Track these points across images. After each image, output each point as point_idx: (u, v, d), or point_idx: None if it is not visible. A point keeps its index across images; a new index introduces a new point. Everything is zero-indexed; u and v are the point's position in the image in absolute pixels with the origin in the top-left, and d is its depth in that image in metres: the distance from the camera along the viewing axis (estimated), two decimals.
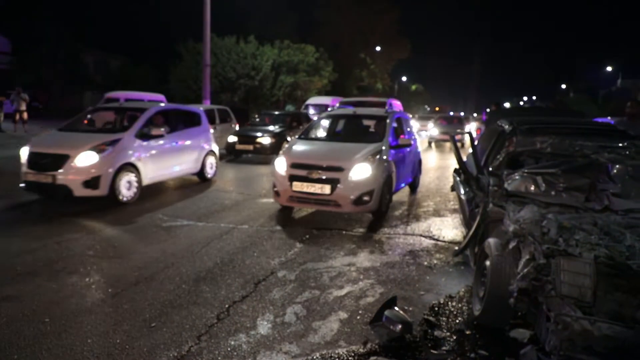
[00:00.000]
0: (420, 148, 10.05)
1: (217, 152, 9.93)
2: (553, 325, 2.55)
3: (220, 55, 26.89)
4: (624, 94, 43.22)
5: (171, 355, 3.04)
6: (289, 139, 12.74)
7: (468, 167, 4.90)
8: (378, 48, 46.85)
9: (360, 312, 3.71)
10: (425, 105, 74.21)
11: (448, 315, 3.71)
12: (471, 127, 25.23)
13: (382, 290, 4.18)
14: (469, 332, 3.41)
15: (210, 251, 5.14)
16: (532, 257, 2.94)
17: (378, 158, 6.41)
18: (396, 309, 3.45)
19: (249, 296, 3.98)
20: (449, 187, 7.57)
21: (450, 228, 6.45)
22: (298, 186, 6.28)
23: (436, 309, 3.81)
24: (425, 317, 3.64)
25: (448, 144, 20.46)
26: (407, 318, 3.39)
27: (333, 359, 3.05)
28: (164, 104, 15.66)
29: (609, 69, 52.94)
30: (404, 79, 66.21)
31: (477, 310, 3.52)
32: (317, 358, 3.05)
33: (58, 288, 4.04)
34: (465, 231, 4.95)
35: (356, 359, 3.05)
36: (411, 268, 4.79)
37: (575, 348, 2.45)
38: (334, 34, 43.33)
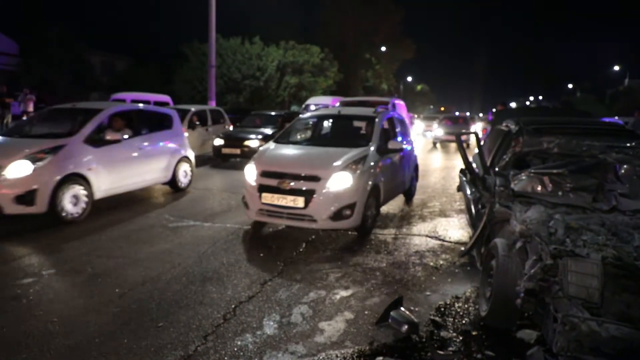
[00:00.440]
0: (422, 149, 9.85)
1: (193, 159, 8.86)
2: (560, 326, 2.53)
3: (226, 56, 26.98)
4: (631, 94, 42.93)
5: (178, 355, 3.05)
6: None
7: (474, 168, 4.89)
8: (383, 48, 46.78)
9: (367, 313, 3.71)
10: (431, 106, 74.01)
11: (454, 315, 3.70)
12: (477, 127, 25.12)
13: (388, 290, 4.18)
14: (475, 333, 3.40)
15: (216, 251, 5.15)
16: (539, 258, 2.93)
17: (362, 165, 5.62)
18: (402, 309, 3.45)
19: (255, 296, 3.99)
20: (455, 188, 7.56)
21: (456, 228, 6.43)
22: (268, 198, 5.47)
23: (442, 309, 3.81)
24: (431, 318, 3.63)
25: (453, 145, 20.38)
26: (413, 318, 3.39)
27: (339, 359, 3.05)
28: (170, 104, 15.70)
29: (616, 68, 52.59)
30: (409, 79, 66.07)
31: (484, 310, 3.51)
32: (323, 358, 3.05)
33: (66, 288, 4.06)
34: (472, 232, 4.94)
35: (362, 359, 3.05)
36: (417, 268, 4.78)
37: (582, 349, 2.44)
38: (339, 34, 43.29)
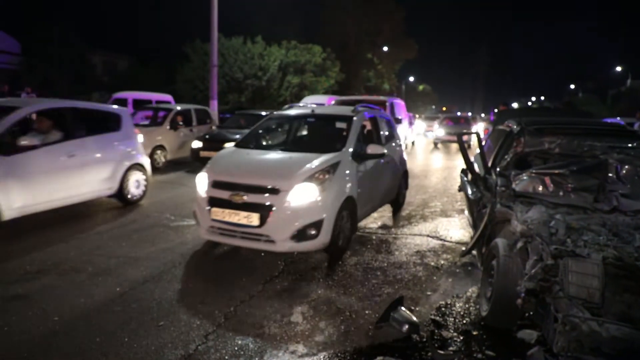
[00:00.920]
0: (423, 149, 9.60)
1: (148, 166, 7.54)
2: (561, 326, 2.53)
3: (228, 56, 27.00)
4: (633, 95, 42.87)
5: (179, 354, 3.06)
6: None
7: (475, 168, 4.89)
8: (385, 48, 46.79)
9: (367, 312, 3.72)
10: (433, 106, 73.98)
11: (455, 315, 3.70)
12: (478, 128, 25.09)
13: (389, 290, 4.18)
14: (476, 333, 3.40)
15: (218, 251, 5.16)
16: (540, 258, 2.93)
17: (332, 174, 4.79)
18: (403, 309, 3.45)
19: (256, 295, 4.00)
20: (456, 188, 7.55)
21: (457, 228, 6.43)
22: (218, 214, 4.64)
23: (443, 309, 3.81)
24: (432, 318, 3.64)
25: (455, 145, 20.37)
26: (414, 318, 3.39)
27: (340, 358, 3.05)
28: (171, 104, 15.68)
29: (619, 69, 52.48)
30: (411, 79, 66.06)
31: (484, 310, 3.51)
32: (324, 357, 3.06)
33: (67, 287, 4.08)
34: (473, 232, 4.94)
35: (363, 358, 3.06)
36: (418, 268, 4.78)
37: (583, 349, 2.44)
38: (341, 34, 43.31)
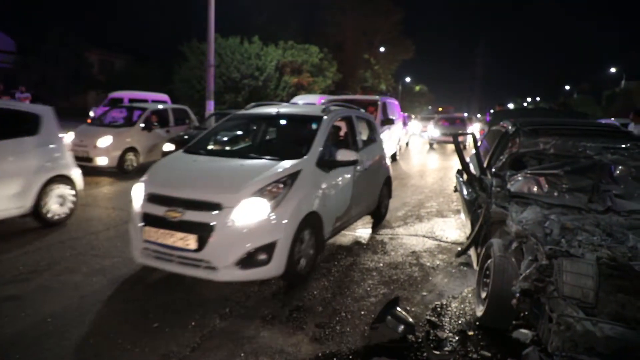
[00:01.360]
0: (419, 150, 9.47)
1: (78, 178, 6.28)
2: (555, 326, 2.55)
3: (225, 56, 26.93)
4: (627, 95, 43.15)
5: (174, 354, 3.05)
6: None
7: (471, 168, 4.90)
8: (382, 49, 46.85)
9: (363, 313, 3.72)
10: (429, 106, 74.09)
11: (450, 316, 3.72)
12: (474, 128, 25.13)
13: (385, 290, 4.19)
14: (471, 333, 3.41)
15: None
16: (535, 258, 2.94)
17: (289, 186, 4.05)
18: (399, 309, 3.45)
19: (252, 296, 3.99)
20: (452, 188, 7.57)
21: (453, 229, 6.45)
22: (152, 234, 3.92)
23: (439, 309, 3.82)
24: (427, 318, 3.64)
25: (451, 146, 20.40)
26: (410, 319, 3.40)
27: (335, 359, 3.05)
28: (168, 104, 15.61)
29: (613, 70, 52.80)
30: (408, 79, 66.13)
31: (480, 311, 3.52)
32: (319, 358, 3.06)
33: (60, 287, 4.06)
34: (468, 232, 4.95)
35: (358, 359, 3.06)
36: (414, 269, 4.79)
37: (577, 349, 2.45)
38: (338, 34, 43.35)
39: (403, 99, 50.85)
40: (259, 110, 5.80)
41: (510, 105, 56.46)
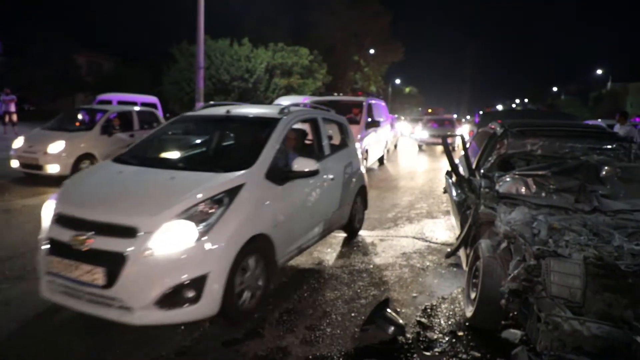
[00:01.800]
0: (409, 152, 9.35)
1: None
2: (543, 325, 2.57)
3: (214, 58, 26.85)
4: (613, 97, 43.83)
5: (168, 352, 3.03)
6: None
7: (460, 170, 4.93)
8: (372, 51, 47.03)
9: (353, 315, 3.72)
10: (419, 108, 74.50)
11: (440, 317, 3.73)
12: (463, 130, 25.28)
13: (375, 292, 4.19)
14: (461, 334, 3.43)
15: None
16: (523, 259, 2.97)
17: (226, 206, 3.34)
18: (389, 311, 3.46)
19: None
20: (442, 190, 7.62)
21: (442, 230, 6.48)
22: (55, 264, 3.22)
23: (429, 310, 3.83)
24: (417, 319, 3.65)
25: (440, 147, 20.50)
26: (400, 320, 3.40)
27: None
28: (157, 106, 15.50)
29: (599, 72, 53.56)
30: (398, 81, 66.47)
31: (469, 311, 3.54)
32: None
33: None
34: (458, 233, 4.98)
35: None
36: (404, 270, 4.80)
37: (565, 348, 2.47)
38: (328, 36, 43.41)
39: (393, 101, 51.07)
40: (209, 112, 5.05)
41: (499, 107, 56.98)
